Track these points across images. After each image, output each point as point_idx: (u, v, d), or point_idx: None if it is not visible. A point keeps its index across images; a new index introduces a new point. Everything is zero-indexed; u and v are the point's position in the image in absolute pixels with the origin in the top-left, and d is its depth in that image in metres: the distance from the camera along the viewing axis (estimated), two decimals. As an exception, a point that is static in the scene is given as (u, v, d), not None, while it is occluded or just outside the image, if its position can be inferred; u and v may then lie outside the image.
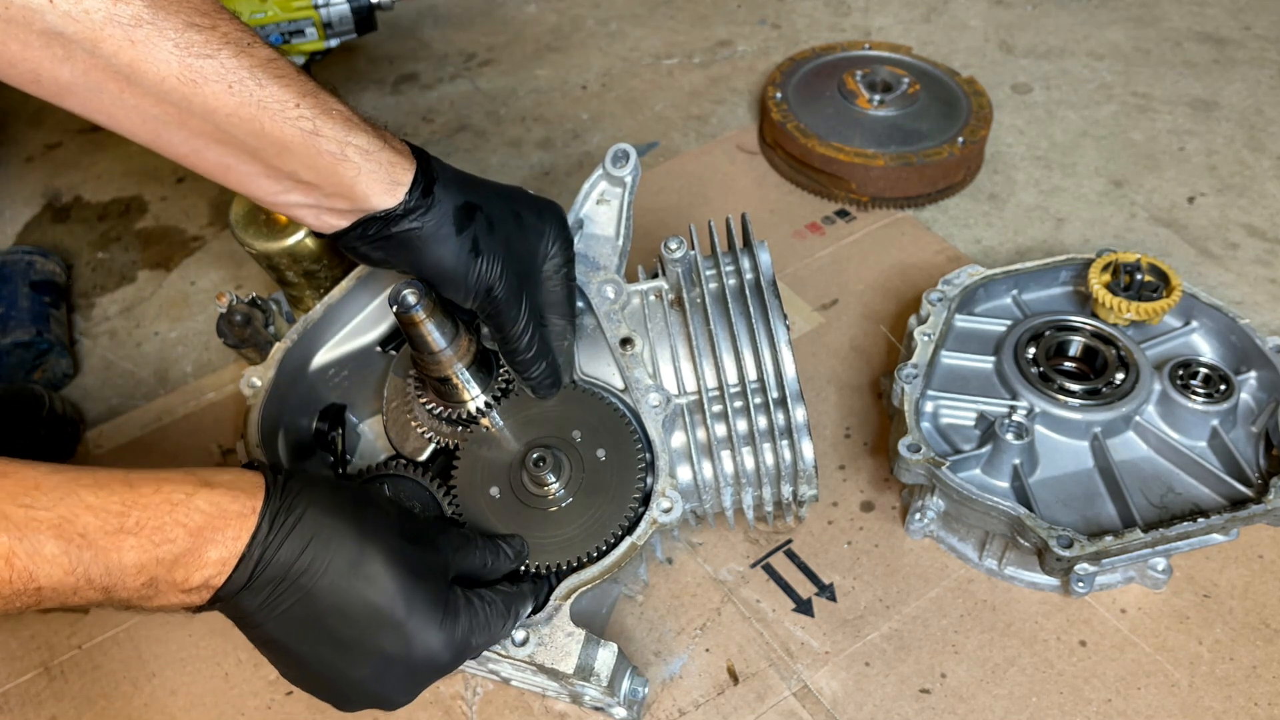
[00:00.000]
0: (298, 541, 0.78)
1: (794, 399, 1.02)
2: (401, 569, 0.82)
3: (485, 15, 2.19)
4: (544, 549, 1.00)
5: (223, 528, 0.76)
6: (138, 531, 0.73)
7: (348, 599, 0.80)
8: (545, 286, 1.04)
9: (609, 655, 0.95)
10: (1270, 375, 1.21)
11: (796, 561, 1.20)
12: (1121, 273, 1.27)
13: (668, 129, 1.87)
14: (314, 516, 0.80)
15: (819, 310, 1.51)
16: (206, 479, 0.77)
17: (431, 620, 0.83)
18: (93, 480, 0.73)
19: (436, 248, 0.95)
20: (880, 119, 1.70)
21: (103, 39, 0.80)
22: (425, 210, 0.93)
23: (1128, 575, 1.16)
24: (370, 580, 0.81)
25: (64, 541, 0.70)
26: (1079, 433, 1.19)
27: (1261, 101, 1.87)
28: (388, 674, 0.84)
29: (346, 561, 0.80)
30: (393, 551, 0.82)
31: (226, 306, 1.13)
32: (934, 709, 1.07)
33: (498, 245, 0.97)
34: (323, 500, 0.81)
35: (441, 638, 0.84)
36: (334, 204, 0.93)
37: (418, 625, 0.83)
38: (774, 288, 1.06)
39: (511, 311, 0.99)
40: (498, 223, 0.98)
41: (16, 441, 1.27)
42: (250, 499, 0.78)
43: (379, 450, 1.20)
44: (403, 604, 0.82)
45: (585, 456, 1.04)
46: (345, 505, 0.82)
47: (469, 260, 0.95)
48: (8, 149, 1.89)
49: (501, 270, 0.97)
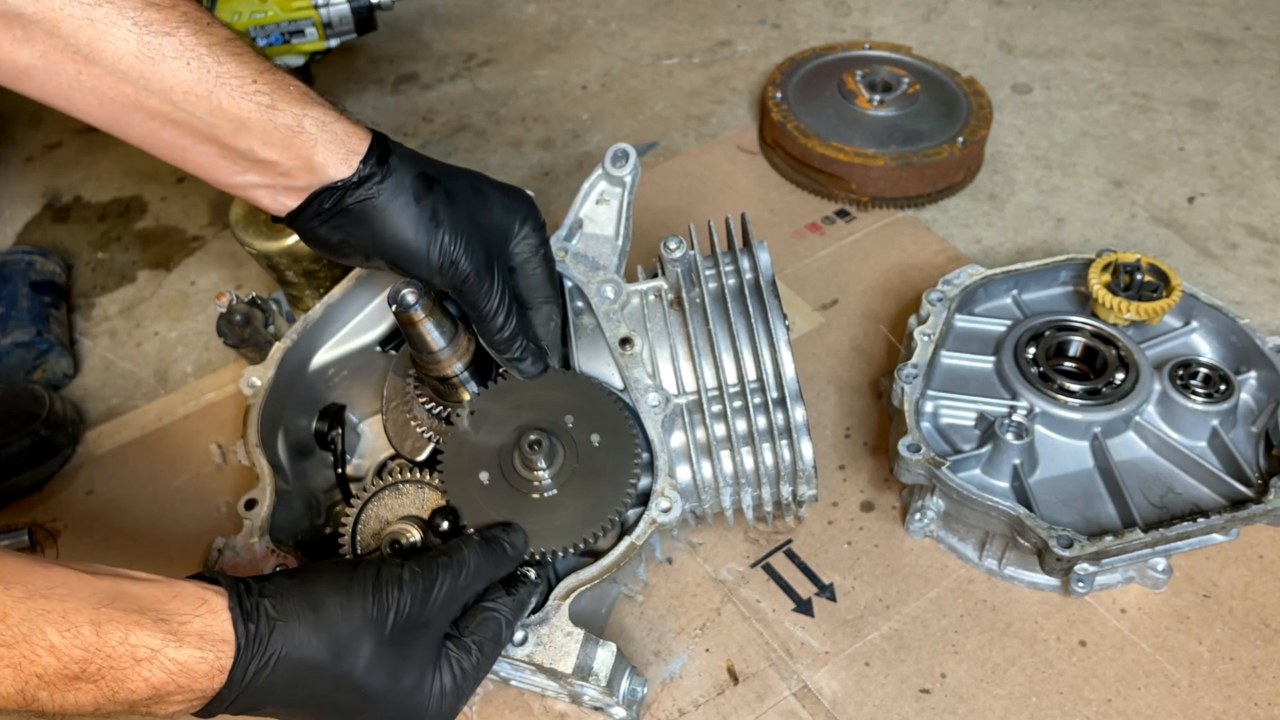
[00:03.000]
0: (274, 682, 0.77)
1: (793, 399, 1.02)
2: (382, 678, 0.82)
3: (485, 15, 2.19)
4: (538, 535, 0.98)
5: (188, 685, 0.74)
6: (98, 679, 0.70)
7: (335, 709, 0.82)
8: (523, 270, 1.03)
9: (608, 655, 0.95)
10: (1270, 375, 1.21)
11: (796, 561, 1.20)
12: (1121, 273, 1.27)
13: (668, 129, 1.87)
14: (289, 660, 0.78)
15: (819, 310, 1.51)
16: (176, 630, 0.73)
17: (420, 704, 0.85)
18: (60, 617, 0.70)
19: (394, 219, 0.93)
20: (880, 119, 1.70)
21: (62, 19, 0.80)
22: (381, 179, 0.92)
23: (1128, 575, 1.15)
24: (353, 693, 0.81)
25: (21, 682, 0.68)
26: (1079, 433, 1.19)
27: (1261, 101, 1.87)
28: None
29: (327, 689, 0.80)
30: (373, 664, 0.81)
31: (226, 306, 1.13)
32: (934, 709, 1.07)
33: (459, 217, 0.95)
34: (297, 639, 0.78)
35: (433, 711, 0.86)
36: (291, 180, 0.92)
37: (409, 712, 0.85)
38: (774, 288, 1.06)
39: (482, 286, 0.96)
40: (459, 196, 0.97)
41: (16, 441, 1.27)
42: (219, 655, 0.75)
43: (379, 450, 1.20)
44: (388, 705, 0.83)
45: (579, 441, 1.02)
46: (322, 636, 0.79)
47: (429, 231, 0.94)
48: (8, 149, 1.89)
49: (466, 243, 0.95)
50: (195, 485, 1.32)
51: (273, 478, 1.04)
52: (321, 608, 0.81)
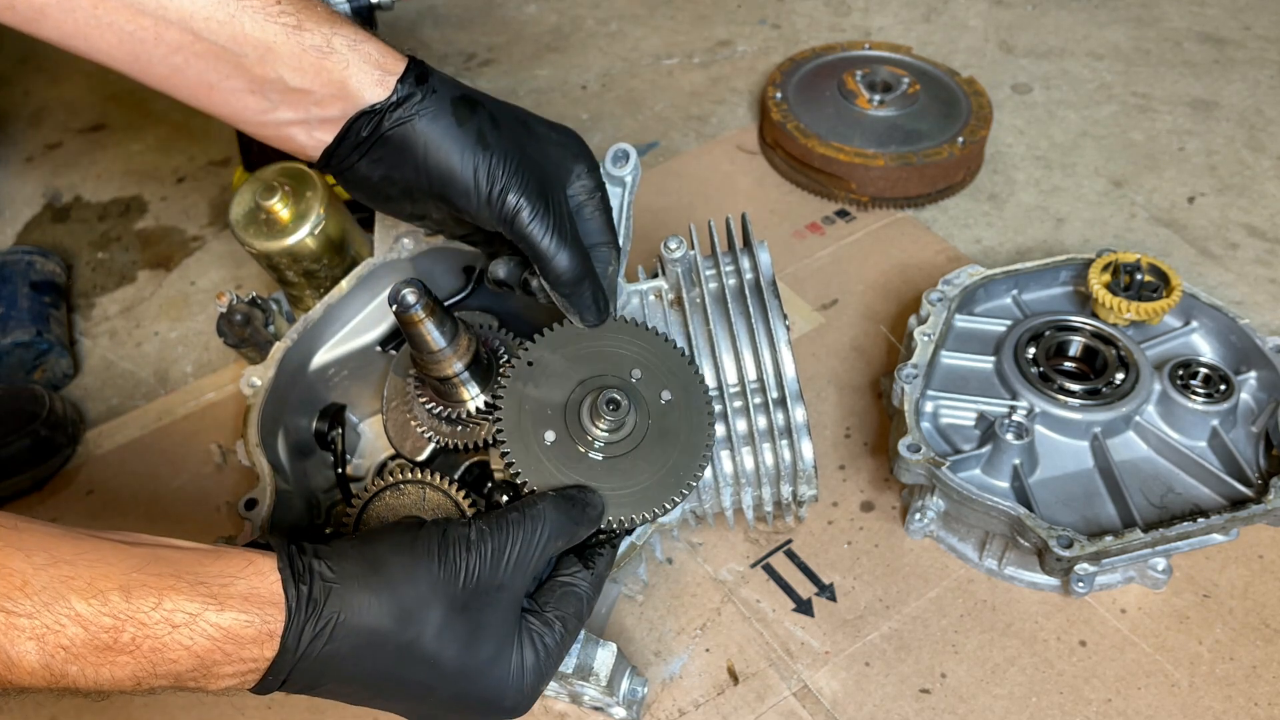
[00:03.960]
0: (333, 652, 0.71)
1: (794, 399, 1.02)
2: (455, 647, 0.76)
3: (485, 15, 2.19)
4: (612, 502, 0.91)
5: (235, 653, 0.68)
6: (133, 650, 0.65)
7: (402, 684, 0.76)
8: (581, 214, 0.95)
9: (608, 655, 0.95)
10: (1270, 375, 1.21)
11: (796, 561, 1.20)
12: (1121, 273, 1.27)
13: (668, 129, 1.87)
14: (348, 626, 0.72)
15: (819, 310, 1.51)
16: (217, 593, 0.68)
17: (500, 680, 0.79)
18: (87, 584, 0.65)
19: (436, 144, 0.86)
20: (880, 119, 1.70)
21: None
22: (421, 99, 0.86)
23: (1128, 575, 1.15)
24: (423, 664, 0.75)
25: (46, 655, 0.63)
26: (1079, 433, 1.19)
27: (1261, 101, 1.87)
28: (464, 715, 0.82)
29: (392, 660, 0.74)
30: (443, 632, 0.75)
31: (226, 306, 1.13)
32: (934, 709, 1.07)
33: (509, 144, 0.88)
34: (356, 602, 0.72)
35: (513, 689, 0.80)
36: (325, 110, 0.87)
37: (485, 689, 0.79)
38: (774, 288, 1.06)
39: (541, 221, 0.88)
40: (506, 123, 0.90)
41: (16, 441, 1.27)
42: (267, 620, 0.69)
43: (379, 450, 1.20)
44: (462, 679, 0.77)
45: (648, 398, 0.95)
46: (384, 600, 0.73)
47: (476, 155, 0.86)
48: (8, 149, 1.89)
49: (518, 171, 0.87)
50: (195, 485, 1.32)
51: (273, 478, 1.04)
52: (383, 569, 0.74)
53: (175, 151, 1.86)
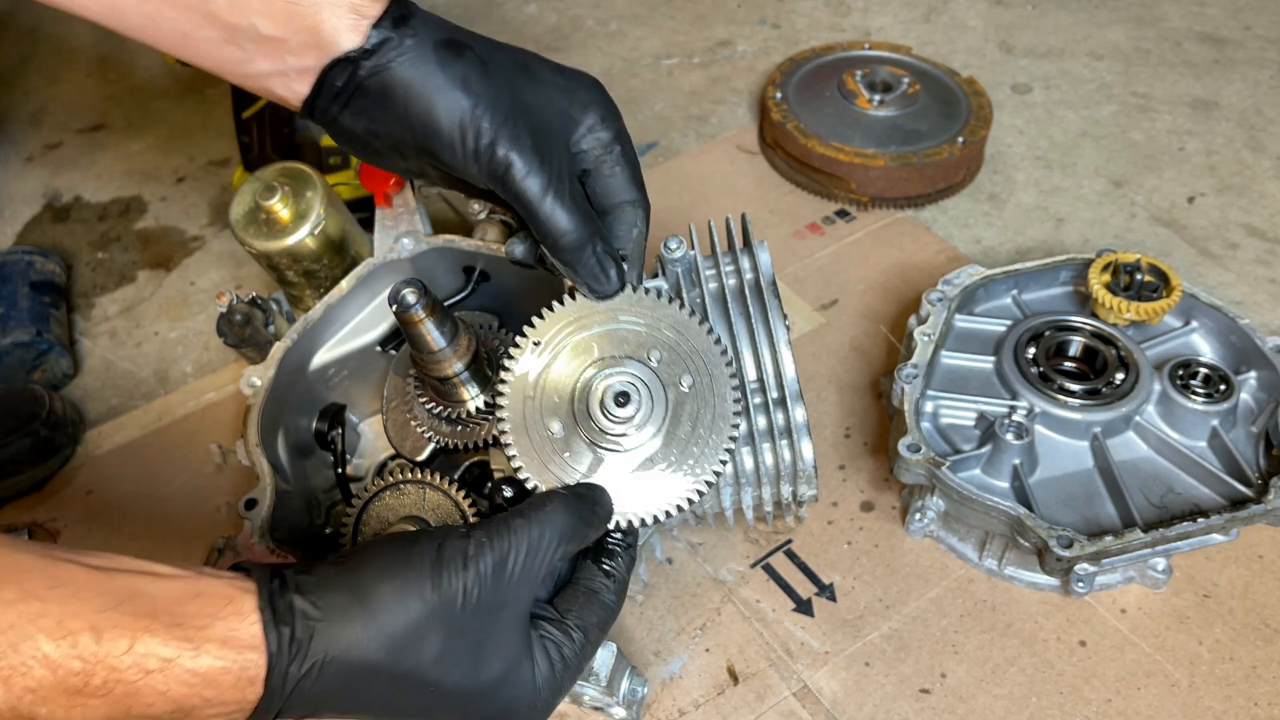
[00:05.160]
0: (324, 689, 0.68)
1: (794, 399, 1.02)
2: (458, 672, 0.72)
3: (485, 15, 2.19)
4: (624, 499, 0.84)
5: (215, 697, 0.65)
6: (105, 694, 0.62)
7: (405, 712, 0.73)
8: (598, 171, 0.87)
9: (608, 655, 0.95)
10: (1270, 375, 1.21)
11: (796, 561, 1.20)
12: (1121, 273, 1.27)
13: (668, 129, 1.87)
14: (337, 663, 0.68)
15: (819, 310, 1.51)
16: (193, 636, 0.64)
17: (512, 698, 0.75)
18: (56, 623, 0.61)
19: (418, 92, 0.80)
20: (880, 119, 1.70)
21: None
22: (400, 43, 0.80)
23: (1128, 575, 1.15)
24: (424, 692, 0.72)
25: (13, 697, 0.60)
26: (1079, 433, 1.19)
27: (1261, 101, 1.87)
28: None
29: (389, 691, 0.71)
30: (444, 658, 0.72)
31: (226, 306, 1.13)
32: (934, 709, 1.07)
33: (498, 91, 0.81)
34: (344, 638, 0.69)
35: (525, 704, 0.76)
36: (300, 59, 0.81)
37: (495, 708, 0.75)
38: (774, 288, 1.06)
39: (533, 179, 0.80)
40: (497, 67, 0.83)
41: (16, 441, 1.27)
42: (246, 666, 0.66)
43: (379, 450, 1.20)
44: (469, 700, 0.74)
45: (667, 384, 0.86)
46: (374, 634, 0.70)
47: (459, 104, 0.79)
48: (8, 149, 1.89)
49: (506, 121, 0.80)
50: (195, 485, 1.32)
51: (273, 478, 1.04)
52: (371, 600, 0.70)
53: (175, 151, 1.86)
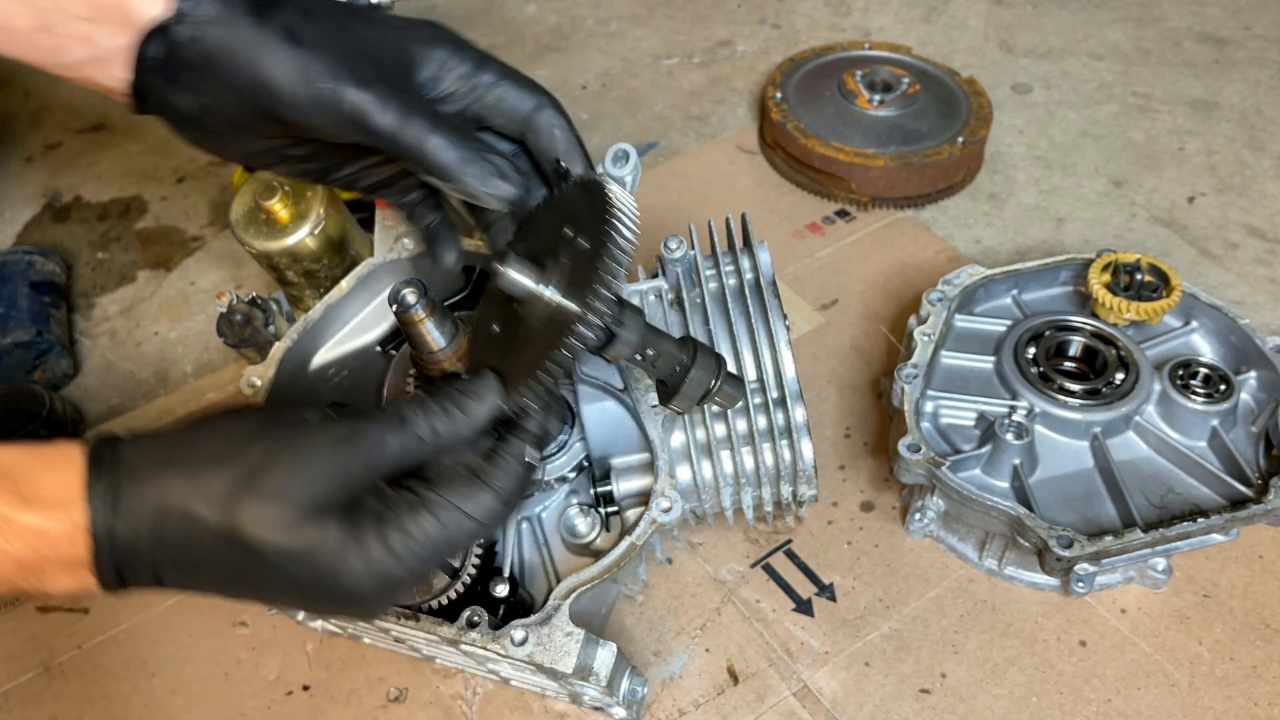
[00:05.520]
0: (155, 540, 0.67)
1: (794, 399, 1.02)
2: (278, 533, 0.68)
3: (485, 15, 2.19)
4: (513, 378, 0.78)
5: (52, 552, 0.66)
6: None
7: (238, 574, 0.70)
8: (482, 101, 0.82)
9: (608, 655, 0.95)
10: (1270, 375, 1.21)
11: (796, 561, 1.20)
12: (1121, 273, 1.27)
13: (668, 129, 1.87)
14: (157, 511, 0.67)
15: (819, 310, 1.51)
16: (25, 491, 0.65)
17: (337, 566, 0.69)
18: None
19: (239, 51, 0.75)
20: (880, 119, 1.70)
21: None
22: (211, 3, 0.75)
23: (1128, 575, 1.15)
24: (247, 551, 0.68)
25: None
26: (1079, 433, 1.19)
27: (1261, 101, 1.87)
28: (320, 606, 0.74)
29: (209, 544, 0.68)
30: (264, 516, 0.68)
31: (226, 306, 1.13)
32: (934, 709, 1.07)
33: (327, 34, 0.77)
34: (161, 485, 0.68)
35: (355, 575, 0.69)
36: (114, 40, 0.76)
37: (319, 571, 0.69)
38: (774, 288, 1.06)
39: (395, 107, 0.75)
40: (323, 13, 0.78)
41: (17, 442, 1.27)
42: (75, 516, 0.66)
43: (379, 450, 1.20)
44: (292, 565, 0.69)
45: (569, 255, 0.80)
46: (191, 481, 0.68)
47: (286, 54, 0.74)
48: (8, 149, 1.89)
49: (344, 59, 0.75)
50: (195, 485, 1.32)
51: (273, 478, 1.04)
52: (196, 453, 0.69)
53: (175, 151, 1.86)
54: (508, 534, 1.08)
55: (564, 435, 1.11)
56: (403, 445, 0.73)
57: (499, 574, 1.05)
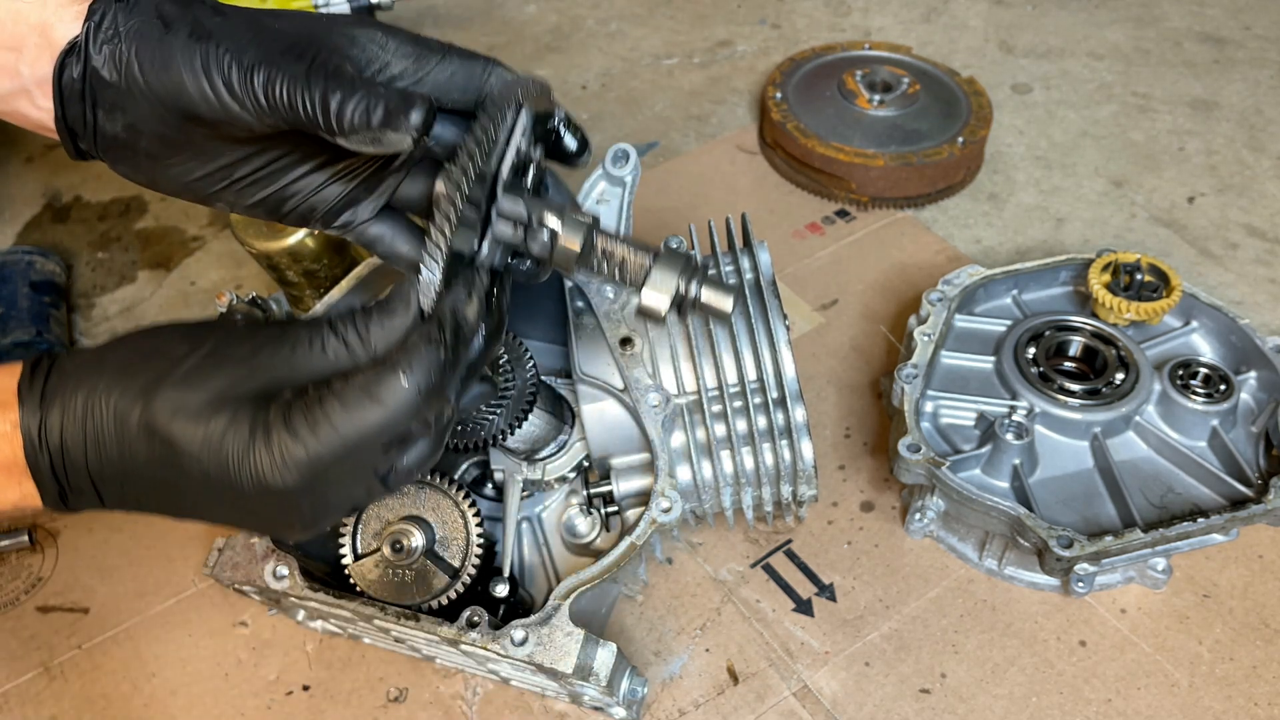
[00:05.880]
0: (85, 444, 0.69)
1: (794, 399, 1.02)
2: (192, 426, 0.68)
3: (485, 15, 2.19)
4: None
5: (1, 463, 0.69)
6: None
7: (158, 465, 0.69)
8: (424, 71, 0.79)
9: (608, 655, 0.95)
10: (1270, 375, 1.21)
11: (796, 561, 1.20)
12: (1121, 273, 1.27)
13: (668, 129, 1.87)
14: (86, 410, 0.69)
15: (819, 310, 1.51)
16: None
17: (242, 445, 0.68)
18: None
19: (152, 59, 0.73)
20: (880, 119, 1.70)
21: None
22: (125, 17, 0.74)
23: (1128, 575, 1.16)
24: (172, 451, 0.68)
25: None
26: (1079, 433, 1.19)
27: (1261, 101, 1.87)
28: (248, 513, 0.73)
29: (130, 441, 0.69)
30: (181, 411, 0.68)
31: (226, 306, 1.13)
32: (934, 709, 1.07)
33: (234, 25, 0.75)
34: (90, 384, 0.69)
35: (264, 462, 0.68)
36: (36, 67, 0.76)
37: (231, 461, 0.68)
38: (774, 288, 1.06)
39: (311, 78, 0.72)
40: (233, 10, 0.77)
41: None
42: (10, 411, 0.69)
43: (379, 450, 1.20)
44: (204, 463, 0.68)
45: None
46: (117, 380, 0.69)
47: (194, 50, 0.73)
48: (8, 149, 1.89)
49: (253, 44, 0.73)
50: (195, 485, 1.32)
51: (273, 478, 1.04)
52: (122, 352, 0.71)
53: (175, 151, 1.86)
54: (508, 534, 1.08)
55: (564, 435, 1.11)
56: (330, 349, 0.72)
57: (499, 574, 1.05)
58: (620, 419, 1.06)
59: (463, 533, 1.01)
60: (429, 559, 0.99)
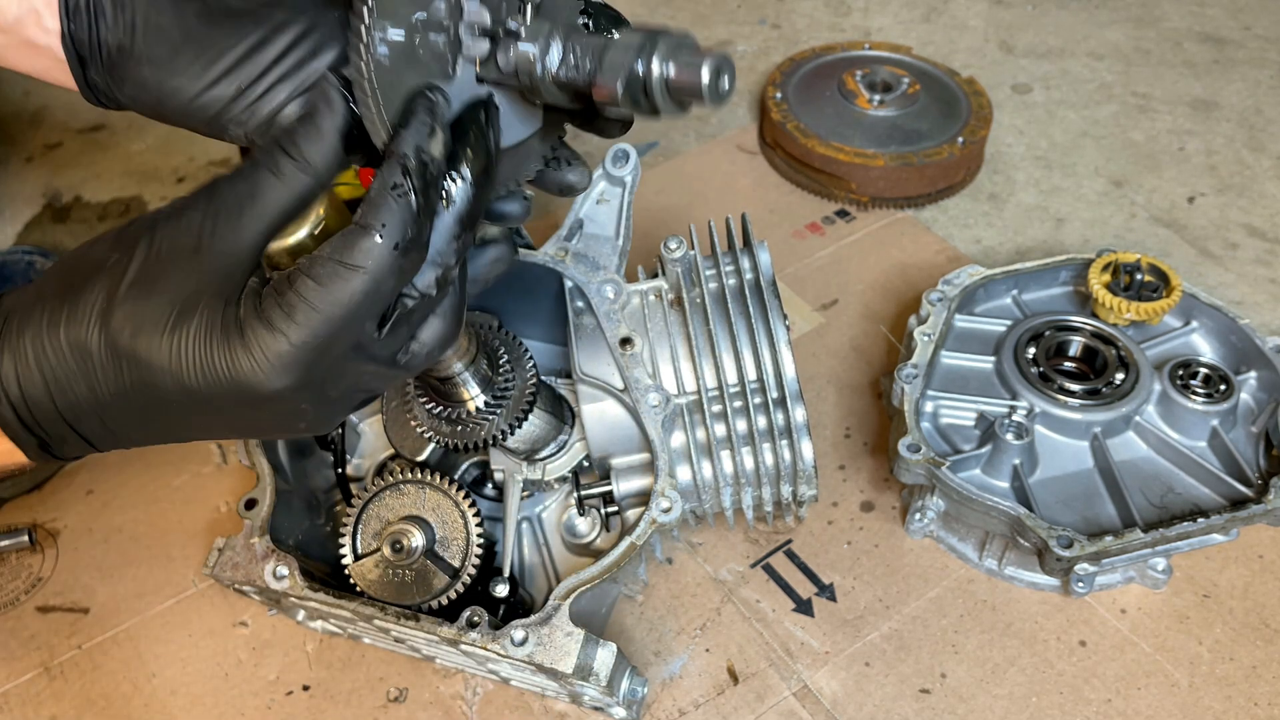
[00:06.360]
0: (52, 379, 0.66)
1: (794, 399, 1.02)
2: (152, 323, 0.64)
3: (485, 15, 2.19)
4: None
5: None
6: None
7: (135, 390, 0.66)
8: None
9: (608, 655, 0.95)
10: (1270, 375, 1.21)
11: (796, 561, 1.20)
12: (1121, 273, 1.27)
13: (668, 129, 1.87)
14: (48, 343, 0.65)
15: (819, 310, 1.51)
16: None
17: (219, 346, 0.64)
18: None
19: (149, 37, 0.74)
20: (880, 119, 1.70)
21: None
22: None
23: (1128, 575, 1.16)
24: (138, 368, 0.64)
25: None
26: (1079, 433, 1.19)
27: (1261, 101, 1.87)
28: (240, 418, 0.68)
29: (104, 361, 0.65)
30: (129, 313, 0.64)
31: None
32: (934, 709, 1.07)
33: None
34: (42, 313, 0.66)
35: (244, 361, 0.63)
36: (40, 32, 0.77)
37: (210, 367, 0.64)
38: (774, 288, 1.06)
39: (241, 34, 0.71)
40: None
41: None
42: None
43: (379, 450, 1.20)
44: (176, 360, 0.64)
45: None
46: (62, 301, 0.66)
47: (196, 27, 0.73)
48: (8, 149, 1.89)
49: None
50: (195, 485, 1.32)
51: (273, 478, 1.04)
52: (61, 279, 0.68)
53: (175, 151, 1.86)
54: (508, 534, 1.08)
55: (564, 435, 1.11)
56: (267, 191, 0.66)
57: (499, 574, 1.05)
58: (620, 419, 1.07)
59: (463, 533, 1.02)
60: (429, 559, 0.99)
